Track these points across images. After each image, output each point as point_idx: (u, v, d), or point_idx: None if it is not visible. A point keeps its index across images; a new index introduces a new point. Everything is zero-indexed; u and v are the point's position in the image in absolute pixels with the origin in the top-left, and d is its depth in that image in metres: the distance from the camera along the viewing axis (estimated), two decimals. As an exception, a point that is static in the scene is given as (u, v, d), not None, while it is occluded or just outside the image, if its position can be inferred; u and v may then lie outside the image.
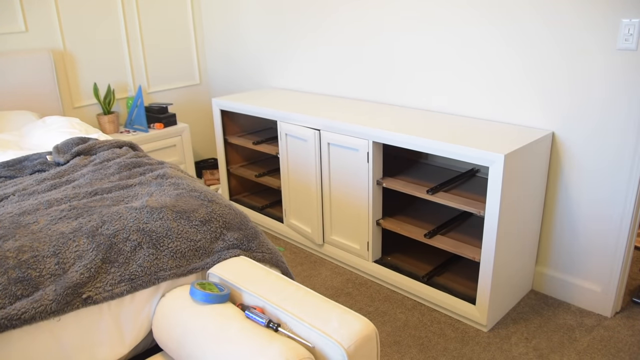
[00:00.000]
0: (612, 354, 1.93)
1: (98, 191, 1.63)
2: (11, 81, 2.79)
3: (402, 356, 1.97)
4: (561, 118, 2.09)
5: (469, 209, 2.03)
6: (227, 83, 3.69)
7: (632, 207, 1.99)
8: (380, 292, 2.38)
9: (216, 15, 3.55)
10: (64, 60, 3.06)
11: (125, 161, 1.89)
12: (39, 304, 1.17)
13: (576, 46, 1.98)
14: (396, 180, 2.32)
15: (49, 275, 1.24)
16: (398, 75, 2.61)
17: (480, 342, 2.02)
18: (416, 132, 2.13)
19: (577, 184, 2.11)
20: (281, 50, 3.19)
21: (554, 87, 2.08)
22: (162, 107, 3.29)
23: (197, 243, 1.45)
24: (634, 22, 1.81)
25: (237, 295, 1.34)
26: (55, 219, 1.43)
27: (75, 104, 3.16)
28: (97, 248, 1.32)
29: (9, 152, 2.22)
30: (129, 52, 3.32)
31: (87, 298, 1.24)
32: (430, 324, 2.15)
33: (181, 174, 1.82)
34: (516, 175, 1.93)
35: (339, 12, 2.77)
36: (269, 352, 1.09)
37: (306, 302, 1.25)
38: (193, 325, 1.24)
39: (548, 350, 1.96)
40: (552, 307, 2.23)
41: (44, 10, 2.93)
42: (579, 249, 2.18)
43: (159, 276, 1.36)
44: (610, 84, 1.93)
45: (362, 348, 1.15)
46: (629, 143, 1.94)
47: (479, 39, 2.24)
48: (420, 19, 2.42)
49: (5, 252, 1.27)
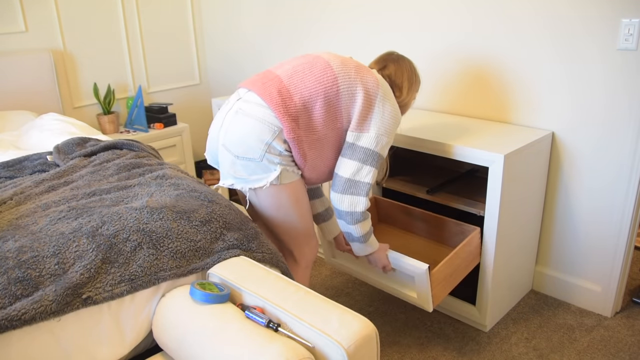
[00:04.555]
0: (612, 354, 1.93)
1: (96, 192, 1.63)
2: (11, 81, 2.79)
3: (402, 356, 1.97)
4: (561, 118, 2.09)
5: (468, 209, 2.03)
6: (228, 83, 3.69)
7: (632, 207, 1.99)
8: (380, 292, 2.38)
9: (216, 15, 3.55)
10: (64, 60, 3.06)
11: (124, 162, 1.89)
12: (39, 305, 1.17)
13: (576, 46, 1.98)
14: (396, 181, 2.32)
15: (48, 275, 1.24)
16: (398, 75, 2.61)
17: (480, 342, 2.02)
18: (416, 132, 2.13)
19: (577, 184, 2.11)
20: (282, 51, 3.19)
21: (554, 87, 2.08)
22: (162, 107, 3.29)
23: (197, 243, 1.45)
24: (634, 22, 1.81)
25: (237, 295, 1.35)
26: (54, 220, 1.43)
27: (75, 104, 3.16)
28: (97, 248, 1.32)
29: (9, 152, 2.22)
30: (129, 52, 3.32)
31: (87, 298, 1.24)
32: (430, 324, 2.15)
33: (181, 174, 1.81)
34: (516, 176, 1.93)
35: (340, 12, 2.77)
36: (269, 352, 1.09)
37: (306, 302, 1.25)
38: (193, 325, 1.24)
39: (548, 350, 1.96)
40: (552, 307, 2.23)
41: (44, 10, 2.93)
42: (579, 249, 2.18)
43: (159, 276, 1.36)
44: (610, 84, 1.93)
45: (362, 348, 1.15)
46: (629, 143, 1.94)
47: (478, 38, 2.24)
48: (420, 19, 2.42)
49: (5, 252, 1.27)
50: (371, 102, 1.62)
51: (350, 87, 1.60)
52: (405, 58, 1.83)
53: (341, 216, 1.69)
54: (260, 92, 1.60)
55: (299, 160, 1.63)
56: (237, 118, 1.62)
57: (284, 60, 1.74)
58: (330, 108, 1.60)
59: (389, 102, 1.65)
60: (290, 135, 1.57)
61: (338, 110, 1.61)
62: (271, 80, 1.62)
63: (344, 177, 1.64)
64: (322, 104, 1.59)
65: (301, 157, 1.62)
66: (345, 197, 1.64)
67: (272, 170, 1.61)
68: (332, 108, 1.61)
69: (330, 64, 1.62)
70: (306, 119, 1.59)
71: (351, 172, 1.63)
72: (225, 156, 1.65)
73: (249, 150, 1.59)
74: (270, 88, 1.59)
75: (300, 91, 1.58)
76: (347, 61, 1.66)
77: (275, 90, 1.58)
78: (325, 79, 1.59)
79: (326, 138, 1.64)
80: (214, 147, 1.73)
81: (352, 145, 1.63)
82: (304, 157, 1.63)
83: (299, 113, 1.57)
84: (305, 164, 1.65)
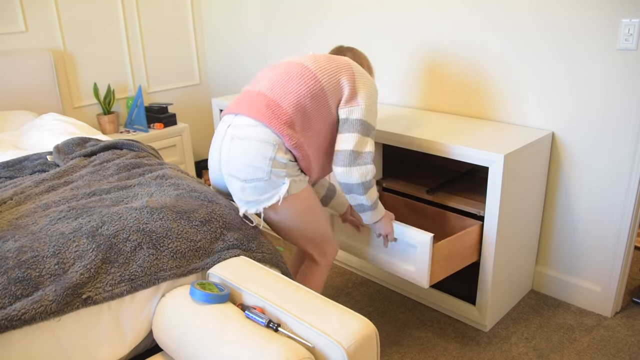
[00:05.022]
0: (612, 354, 1.93)
1: (96, 192, 1.63)
2: (11, 81, 2.79)
3: (402, 356, 1.97)
4: (561, 118, 2.09)
5: (468, 209, 2.03)
6: (228, 83, 3.69)
7: (632, 207, 1.99)
8: (380, 292, 2.38)
9: (216, 15, 3.55)
10: (64, 60, 3.06)
11: (124, 162, 1.89)
12: (39, 305, 1.17)
13: (576, 46, 1.98)
14: (396, 181, 2.32)
15: (48, 275, 1.24)
16: (398, 75, 2.61)
17: (480, 342, 2.02)
18: (416, 132, 2.13)
19: (577, 184, 2.12)
20: (282, 50, 3.19)
21: (554, 87, 2.08)
22: (162, 107, 3.29)
23: (197, 243, 1.45)
24: (634, 22, 1.81)
25: (237, 295, 1.35)
26: (54, 220, 1.43)
27: (75, 104, 3.16)
28: (97, 248, 1.32)
29: (9, 152, 2.22)
30: (129, 52, 3.32)
31: (87, 298, 1.24)
32: (430, 324, 2.15)
33: (181, 174, 1.82)
34: (516, 176, 1.93)
35: (340, 12, 2.77)
36: (269, 352, 1.09)
37: (306, 302, 1.25)
38: (193, 325, 1.24)
39: (548, 350, 1.96)
40: (552, 307, 2.23)
41: (44, 10, 2.93)
42: (579, 249, 2.18)
43: (159, 276, 1.36)
44: (610, 84, 1.93)
45: (362, 348, 1.15)
46: (629, 143, 1.94)
47: (478, 38, 2.24)
48: (420, 19, 2.42)
49: (5, 252, 1.27)
50: (355, 81, 1.68)
51: (331, 79, 1.65)
52: (358, 49, 1.97)
53: (352, 190, 1.69)
54: (249, 112, 1.61)
55: (304, 163, 1.65)
56: (234, 144, 1.61)
57: (257, 77, 1.76)
58: (319, 104, 1.63)
59: (364, 75, 1.72)
60: (291, 143, 1.58)
61: (327, 103, 1.65)
62: (254, 98, 1.64)
63: (348, 149, 1.65)
64: (311, 102, 1.62)
65: (305, 160, 1.64)
66: (354, 169, 1.65)
67: (281, 184, 1.61)
68: (321, 103, 1.64)
69: (305, 65, 1.66)
70: (301, 122, 1.61)
71: (353, 143, 1.65)
72: (233, 184, 1.65)
73: (256, 171, 1.59)
74: (258, 105, 1.61)
75: (287, 98, 1.61)
76: (318, 57, 1.72)
77: (263, 105, 1.60)
78: (305, 79, 1.63)
79: (320, 132, 1.67)
80: (217, 177, 1.75)
81: (346, 120, 1.67)
82: (308, 159, 1.64)
83: (292, 119, 1.59)
84: (311, 164, 1.67)
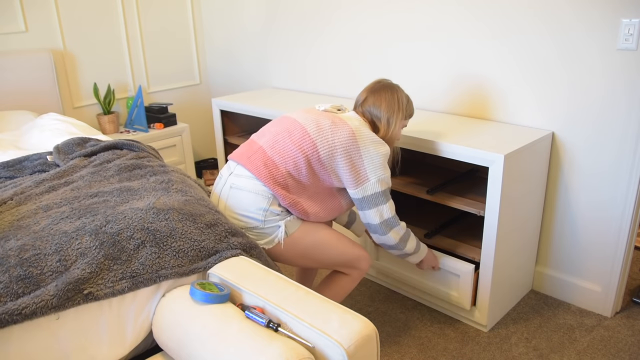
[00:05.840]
0: (612, 354, 1.93)
1: (99, 194, 1.63)
2: (11, 81, 2.80)
3: (402, 356, 1.97)
4: (561, 118, 2.09)
5: (469, 209, 2.03)
6: (228, 83, 3.69)
7: (632, 207, 1.99)
8: (380, 292, 2.38)
9: (216, 15, 3.55)
10: (64, 60, 3.06)
11: (125, 162, 1.89)
12: (39, 299, 1.17)
13: (576, 46, 1.98)
14: (396, 181, 2.32)
15: (50, 272, 1.24)
16: (398, 75, 2.61)
17: (480, 342, 2.02)
18: (416, 132, 2.13)
19: (577, 184, 2.12)
20: (282, 50, 3.19)
21: (554, 87, 2.08)
22: (162, 107, 3.30)
23: (201, 244, 1.45)
24: (634, 22, 1.81)
25: (237, 295, 1.35)
26: (57, 220, 1.43)
27: (75, 104, 3.16)
28: (100, 245, 1.32)
29: (9, 152, 2.22)
30: (129, 52, 3.32)
31: (89, 294, 1.24)
32: (430, 324, 2.15)
33: (188, 179, 1.82)
34: (516, 176, 1.93)
35: (341, 12, 2.77)
36: (269, 352, 1.09)
37: (306, 302, 1.25)
38: (193, 325, 1.24)
39: (548, 350, 1.96)
40: (552, 307, 2.23)
41: (44, 10, 2.93)
42: (579, 249, 2.18)
43: (161, 274, 1.36)
44: (610, 84, 1.93)
45: (362, 348, 1.15)
46: (629, 143, 1.94)
47: (478, 39, 2.24)
48: (421, 22, 2.42)
49: (7, 251, 1.27)
50: (354, 157, 1.68)
51: (329, 150, 1.67)
52: (387, 87, 1.82)
53: (393, 248, 1.81)
54: (247, 166, 1.70)
55: (302, 215, 1.71)
56: (232, 193, 1.71)
57: (264, 127, 1.82)
58: (315, 171, 1.69)
59: (371, 145, 1.71)
60: (285, 202, 1.66)
61: (324, 171, 1.70)
62: (255, 152, 1.72)
63: (375, 224, 1.74)
64: (307, 169, 1.68)
65: (302, 212, 1.71)
66: (389, 236, 1.77)
67: (278, 228, 1.69)
68: (317, 171, 1.69)
69: (307, 129, 1.69)
70: (295, 185, 1.68)
71: (379, 217, 1.73)
72: None
73: (251, 220, 1.68)
74: (257, 161, 1.69)
75: (284, 160, 1.67)
76: (321, 121, 1.71)
77: (262, 163, 1.68)
78: (304, 145, 1.67)
79: (321, 189, 1.74)
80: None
81: (362, 199, 1.72)
82: (305, 212, 1.71)
83: (287, 181, 1.67)
84: (309, 214, 1.73)
